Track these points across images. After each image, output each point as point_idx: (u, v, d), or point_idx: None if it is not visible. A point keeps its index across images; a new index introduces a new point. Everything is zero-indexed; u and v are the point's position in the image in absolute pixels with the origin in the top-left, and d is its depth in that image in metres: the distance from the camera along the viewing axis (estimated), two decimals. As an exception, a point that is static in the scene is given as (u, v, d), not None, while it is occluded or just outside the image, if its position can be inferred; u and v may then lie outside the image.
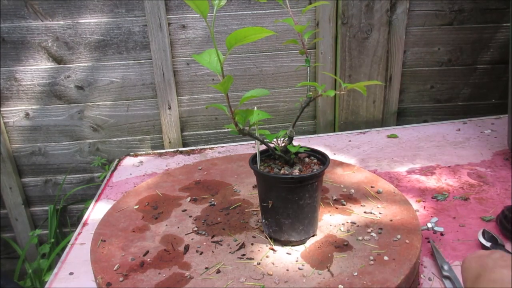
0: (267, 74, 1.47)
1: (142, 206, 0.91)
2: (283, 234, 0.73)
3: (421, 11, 1.44)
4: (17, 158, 1.50)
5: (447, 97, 1.58)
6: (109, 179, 1.18)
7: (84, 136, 1.49)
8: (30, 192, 1.55)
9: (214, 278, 0.67)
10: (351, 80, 1.47)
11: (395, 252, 0.70)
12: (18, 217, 1.54)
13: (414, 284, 0.70)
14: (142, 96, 1.46)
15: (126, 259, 0.73)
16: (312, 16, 1.42)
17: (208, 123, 1.52)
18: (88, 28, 1.36)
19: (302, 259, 0.71)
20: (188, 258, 0.72)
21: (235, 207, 0.88)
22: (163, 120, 1.48)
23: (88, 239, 0.84)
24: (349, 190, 0.92)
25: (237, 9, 1.38)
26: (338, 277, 0.65)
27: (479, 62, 1.53)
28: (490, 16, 1.46)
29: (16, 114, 1.44)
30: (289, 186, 0.68)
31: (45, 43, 1.36)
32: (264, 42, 1.43)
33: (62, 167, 1.52)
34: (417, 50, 1.49)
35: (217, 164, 1.11)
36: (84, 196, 1.57)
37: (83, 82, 1.42)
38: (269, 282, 0.65)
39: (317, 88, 0.71)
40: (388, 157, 1.22)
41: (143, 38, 1.38)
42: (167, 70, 1.41)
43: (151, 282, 0.67)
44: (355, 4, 1.38)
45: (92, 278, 0.74)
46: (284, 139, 0.74)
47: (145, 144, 1.53)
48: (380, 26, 1.41)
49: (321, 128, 1.55)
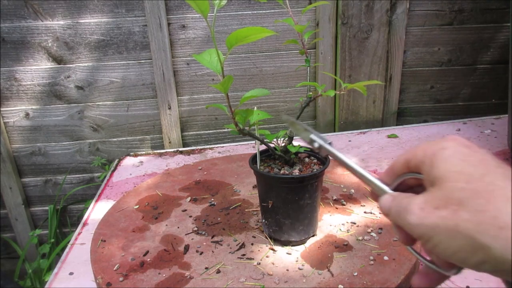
0: (267, 74, 1.47)
1: (142, 206, 0.91)
2: (283, 234, 0.73)
3: (421, 11, 1.44)
4: (17, 158, 1.49)
5: (447, 97, 1.58)
6: (109, 179, 1.18)
7: (84, 136, 1.49)
8: (30, 192, 1.55)
9: (214, 278, 0.67)
10: (351, 80, 1.47)
11: (395, 252, 0.70)
12: (18, 217, 1.54)
13: (414, 284, 0.70)
14: (142, 96, 1.46)
15: (126, 259, 0.73)
16: (312, 16, 1.42)
17: (208, 123, 1.52)
18: (88, 28, 1.36)
19: (302, 259, 0.71)
20: (188, 258, 0.72)
21: (235, 207, 0.88)
22: (163, 120, 1.48)
23: (88, 239, 0.84)
24: (349, 190, 0.92)
25: (237, 9, 1.38)
26: (338, 277, 0.65)
27: (479, 62, 1.53)
28: (490, 16, 1.46)
29: (16, 114, 1.44)
30: (289, 186, 0.68)
31: (45, 43, 1.36)
32: (264, 42, 1.43)
33: (62, 167, 1.52)
34: (417, 50, 1.49)
35: (217, 164, 1.11)
36: (84, 196, 1.57)
37: (83, 82, 1.42)
38: (269, 282, 0.65)
39: (317, 88, 0.71)
40: (388, 157, 1.22)
41: (143, 38, 1.38)
42: (167, 70, 1.41)
43: (151, 282, 0.67)
44: (355, 4, 1.38)
45: (92, 278, 0.74)
46: (284, 139, 0.74)
47: (145, 144, 1.53)
48: (380, 26, 1.41)
49: (321, 128, 1.55)
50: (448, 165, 0.31)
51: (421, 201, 0.32)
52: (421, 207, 0.32)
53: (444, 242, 0.30)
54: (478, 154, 0.32)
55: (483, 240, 0.28)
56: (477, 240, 0.28)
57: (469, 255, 0.29)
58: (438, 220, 0.30)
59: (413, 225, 0.32)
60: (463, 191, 0.30)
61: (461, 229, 0.29)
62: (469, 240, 0.28)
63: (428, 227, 0.31)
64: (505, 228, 0.27)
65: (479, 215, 0.28)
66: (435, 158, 0.32)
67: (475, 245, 0.28)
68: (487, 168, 0.30)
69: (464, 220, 0.29)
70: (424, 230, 0.31)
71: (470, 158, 0.31)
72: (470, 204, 0.29)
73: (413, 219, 0.32)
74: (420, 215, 0.32)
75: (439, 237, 0.30)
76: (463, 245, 0.29)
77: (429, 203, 0.31)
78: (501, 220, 0.27)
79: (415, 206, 0.32)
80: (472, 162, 0.31)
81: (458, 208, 0.29)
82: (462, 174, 0.30)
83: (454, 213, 0.29)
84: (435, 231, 0.30)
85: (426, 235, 0.31)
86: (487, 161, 0.31)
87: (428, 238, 0.31)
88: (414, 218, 0.32)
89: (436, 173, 0.32)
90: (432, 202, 0.31)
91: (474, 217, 0.28)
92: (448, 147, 0.32)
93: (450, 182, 0.30)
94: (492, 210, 0.28)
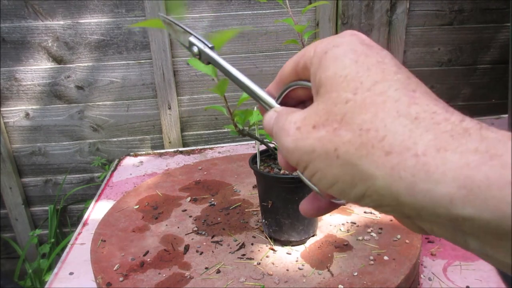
0: (267, 74, 1.47)
1: (142, 206, 0.91)
2: (283, 234, 0.73)
3: (421, 11, 1.44)
4: (17, 158, 1.49)
5: (447, 97, 1.58)
6: (109, 179, 1.18)
7: (84, 136, 1.49)
8: (30, 192, 1.55)
9: (214, 278, 0.67)
10: (351, 80, 1.47)
11: (395, 252, 0.70)
12: (18, 217, 1.54)
13: (414, 284, 0.70)
14: (142, 96, 1.46)
15: (126, 259, 0.73)
16: (312, 16, 1.42)
17: (208, 123, 1.52)
18: (88, 28, 1.36)
19: (302, 259, 0.71)
20: (188, 258, 0.72)
21: (235, 207, 0.88)
22: (163, 120, 1.48)
23: (88, 239, 0.84)
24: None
25: (237, 9, 1.38)
26: (338, 277, 0.65)
27: (479, 62, 1.53)
28: (490, 16, 1.46)
29: (16, 114, 1.44)
30: (289, 186, 0.68)
31: (45, 43, 1.36)
32: (264, 42, 1.43)
33: (62, 167, 1.52)
34: (417, 50, 1.49)
35: (217, 164, 1.11)
36: (84, 196, 1.57)
37: (83, 82, 1.42)
38: (269, 282, 0.65)
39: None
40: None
41: (143, 38, 1.38)
42: (167, 70, 1.41)
43: (151, 282, 0.67)
44: (355, 4, 1.38)
45: (92, 278, 0.74)
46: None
47: (145, 144, 1.53)
48: (380, 26, 1.41)
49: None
50: (337, 67, 0.24)
51: (299, 118, 0.25)
52: (297, 126, 0.25)
53: (321, 170, 0.23)
54: (376, 55, 0.24)
55: (365, 167, 0.21)
56: (358, 167, 0.22)
57: (348, 186, 0.23)
58: (315, 142, 0.23)
59: (288, 149, 0.25)
60: (348, 103, 0.23)
61: (340, 153, 0.22)
62: (349, 167, 0.22)
63: (303, 152, 0.24)
64: (392, 153, 0.21)
65: (363, 136, 0.22)
66: (324, 57, 0.25)
67: (355, 174, 0.22)
68: (382, 74, 0.23)
69: (345, 142, 0.22)
70: (299, 156, 0.24)
71: (365, 60, 0.24)
72: (354, 121, 0.22)
73: (288, 141, 0.25)
74: (295, 136, 0.25)
75: (315, 164, 0.24)
76: (342, 174, 0.23)
77: (307, 120, 0.24)
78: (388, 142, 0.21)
79: (292, 125, 0.25)
80: (366, 65, 0.24)
81: (339, 126, 0.23)
82: (351, 80, 0.23)
83: (333, 132, 0.23)
84: (311, 157, 0.24)
85: (302, 161, 0.24)
86: (385, 64, 0.24)
87: (304, 165, 0.24)
88: (289, 140, 0.25)
89: (322, 77, 0.25)
90: (311, 118, 0.24)
91: (357, 138, 0.22)
92: (342, 44, 0.25)
93: (335, 92, 0.24)
94: (380, 129, 0.21)
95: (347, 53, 0.24)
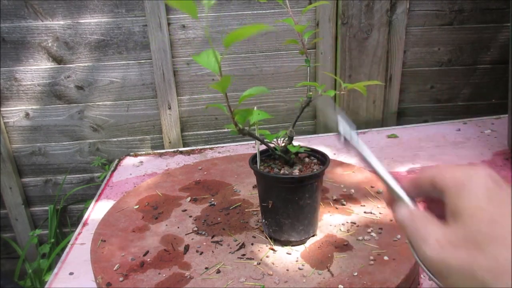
0: (267, 74, 1.47)
1: (142, 206, 0.91)
2: (283, 234, 0.73)
3: (421, 11, 1.44)
4: (17, 158, 1.50)
5: (447, 97, 1.58)
6: (109, 179, 1.18)
7: (84, 136, 1.49)
8: (30, 192, 1.55)
9: (214, 278, 0.67)
10: (351, 80, 1.47)
11: (395, 252, 0.70)
12: (18, 217, 1.54)
13: (414, 284, 0.70)
14: (142, 96, 1.46)
15: (126, 259, 0.73)
16: (312, 16, 1.42)
17: (208, 123, 1.52)
18: (88, 28, 1.36)
19: (302, 259, 0.71)
20: (188, 258, 0.72)
21: (235, 207, 0.88)
22: (163, 120, 1.48)
23: (88, 239, 0.84)
24: (349, 190, 0.92)
25: (237, 9, 1.38)
26: (338, 277, 0.65)
27: (479, 62, 1.53)
28: (490, 16, 1.46)
29: (16, 114, 1.44)
30: (289, 186, 0.68)
31: (45, 43, 1.36)
32: (264, 42, 1.43)
33: (62, 167, 1.52)
34: (417, 50, 1.49)
35: (217, 164, 1.11)
36: (84, 196, 1.57)
37: (83, 82, 1.42)
38: (269, 282, 0.65)
39: (317, 88, 0.71)
40: (388, 157, 1.22)
41: (143, 38, 1.38)
42: (167, 70, 1.41)
43: (151, 282, 0.67)
44: (355, 4, 1.38)
45: (92, 278, 0.74)
46: (284, 139, 0.74)
47: (145, 144, 1.53)
48: (380, 26, 1.41)
49: (321, 128, 1.55)
50: (473, 201, 0.32)
51: (439, 233, 0.33)
52: (439, 241, 0.32)
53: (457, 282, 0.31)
54: (503, 192, 0.32)
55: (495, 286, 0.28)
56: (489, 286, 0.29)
57: None
58: (454, 261, 0.31)
59: (428, 256, 0.33)
60: (483, 234, 0.30)
61: (476, 275, 0.29)
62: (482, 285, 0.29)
63: (443, 264, 0.31)
64: None
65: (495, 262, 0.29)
66: (463, 189, 0.33)
67: None
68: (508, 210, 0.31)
69: (481, 266, 0.29)
70: (438, 265, 0.32)
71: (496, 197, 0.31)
72: (488, 249, 0.29)
73: (429, 251, 0.33)
74: (436, 249, 0.32)
75: (452, 277, 0.31)
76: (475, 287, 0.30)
77: (447, 239, 0.32)
78: None
79: (432, 237, 0.33)
80: (497, 202, 0.31)
81: (476, 253, 0.30)
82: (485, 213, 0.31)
83: (471, 256, 0.30)
84: (449, 271, 0.31)
85: (439, 270, 0.32)
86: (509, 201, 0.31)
87: (440, 273, 0.32)
88: (429, 250, 0.33)
89: (460, 205, 0.32)
90: (451, 238, 0.32)
91: (490, 263, 0.29)
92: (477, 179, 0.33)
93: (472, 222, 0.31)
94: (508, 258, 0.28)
95: (481, 189, 0.32)
